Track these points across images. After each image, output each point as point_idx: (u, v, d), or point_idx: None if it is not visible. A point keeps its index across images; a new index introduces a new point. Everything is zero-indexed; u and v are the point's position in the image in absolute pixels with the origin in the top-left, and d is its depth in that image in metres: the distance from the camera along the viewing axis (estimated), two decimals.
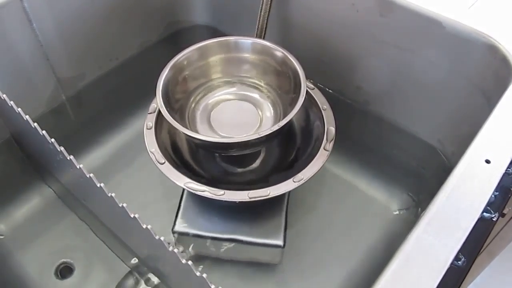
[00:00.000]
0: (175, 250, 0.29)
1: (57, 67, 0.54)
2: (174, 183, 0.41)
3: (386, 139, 0.57)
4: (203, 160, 0.47)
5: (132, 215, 0.32)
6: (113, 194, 0.32)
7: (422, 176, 0.54)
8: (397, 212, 0.52)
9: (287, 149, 0.48)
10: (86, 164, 0.54)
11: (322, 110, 0.46)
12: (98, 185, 0.33)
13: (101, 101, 0.61)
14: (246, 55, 0.47)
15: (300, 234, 0.49)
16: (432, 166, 0.54)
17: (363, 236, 0.50)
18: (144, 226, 0.31)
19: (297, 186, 0.40)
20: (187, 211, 0.45)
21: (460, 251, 0.29)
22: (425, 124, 0.53)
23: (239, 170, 0.47)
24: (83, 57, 0.56)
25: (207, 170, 0.46)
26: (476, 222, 0.30)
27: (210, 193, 0.40)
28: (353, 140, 0.56)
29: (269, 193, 0.40)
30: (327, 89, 0.56)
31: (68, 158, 0.35)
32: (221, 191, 0.40)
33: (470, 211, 0.31)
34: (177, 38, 0.66)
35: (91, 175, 0.33)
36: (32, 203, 0.52)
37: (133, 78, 0.62)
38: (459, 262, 0.29)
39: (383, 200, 0.53)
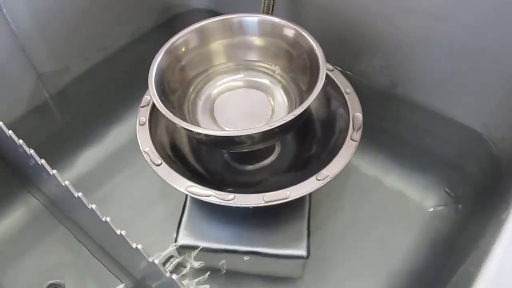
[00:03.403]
0: (174, 277, 0.22)
1: (36, 60, 0.50)
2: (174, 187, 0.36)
3: (418, 126, 0.51)
4: (207, 159, 0.44)
5: (118, 232, 0.25)
6: (93, 206, 0.25)
7: (462, 167, 0.49)
8: (433, 210, 0.47)
9: (305, 141, 0.44)
10: (74, 168, 0.50)
11: (345, 94, 0.42)
12: (76, 195, 0.27)
13: (89, 97, 0.57)
14: (253, 34, 0.43)
15: (324, 241, 0.44)
16: (474, 155, 0.48)
17: (396, 239, 0.45)
18: (134, 246, 0.24)
19: (322, 185, 0.36)
20: (191, 220, 0.41)
21: None
22: (465, 106, 0.47)
23: (250, 169, 0.44)
24: (66, 48, 0.52)
25: (213, 170, 0.43)
26: None
27: (218, 198, 0.35)
28: (379, 128, 0.51)
29: (289, 195, 0.35)
30: (346, 72, 0.50)
31: (40, 163, 0.28)
32: (231, 195, 0.35)
33: None
34: (173, 24, 0.63)
35: (67, 182, 0.27)
36: (16, 215, 0.48)
37: (124, 70, 0.59)
38: None
39: (416, 196, 0.48)
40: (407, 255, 0.44)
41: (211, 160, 0.44)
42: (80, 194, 0.27)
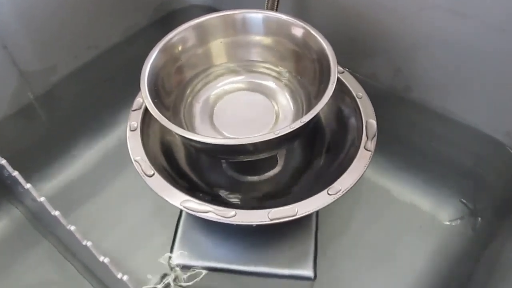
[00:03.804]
0: None
1: (19, 58, 0.48)
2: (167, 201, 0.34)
3: (434, 133, 0.49)
4: (205, 169, 0.42)
5: (101, 259, 0.21)
6: (72, 228, 0.22)
7: (480, 178, 0.46)
8: (448, 224, 0.44)
9: (313, 151, 0.42)
10: (59, 178, 0.47)
11: (357, 99, 0.40)
12: (53, 213, 0.23)
13: (77, 99, 0.55)
14: (257, 33, 0.41)
15: (332, 260, 0.42)
16: (495, 166, 0.46)
17: (410, 258, 0.42)
18: (119, 276, 0.20)
19: (334, 200, 0.34)
20: (186, 237, 0.39)
21: None
22: (487, 113, 0.45)
23: (252, 180, 0.42)
24: (53, 45, 0.50)
25: (211, 182, 0.41)
26: None
27: (217, 214, 0.33)
28: (391, 135, 0.49)
29: (297, 212, 0.33)
30: (355, 74, 0.48)
31: (13, 175, 0.25)
32: (232, 211, 0.33)
33: None
34: (169, 22, 0.62)
35: (43, 199, 0.24)
36: None
37: (116, 70, 0.57)
38: None
39: (431, 209, 0.45)
40: (422, 275, 0.41)
41: (209, 170, 0.42)
42: (57, 213, 0.23)
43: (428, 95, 0.48)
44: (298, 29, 0.38)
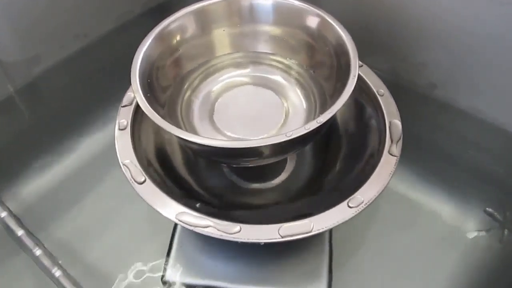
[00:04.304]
0: None
1: None
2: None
3: (460, 136, 0.47)
4: (204, 175, 0.40)
5: None
6: (39, 252, 0.19)
7: (509, 186, 0.44)
8: (473, 236, 0.42)
9: (327, 156, 0.40)
10: (42, 181, 0.45)
11: (378, 96, 0.38)
12: (18, 233, 0.19)
13: (63, 93, 0.53)
14: (266, 20, 0.39)
15: (347, 278, 0.40)
16: None
17: (431, 273, 0.40)
18: None
19: (355, 213, 0.31)
20: (183, 250, 0.37)
21: None
22: None
23: (257, 187, 0.40)
24: (37, 33, 0.49)
25: (212, 190, 0.38)
26: None
27: (218, 229, 0.30)
28: (413, 138, 0.44)
29: (313, 228, 0.30)
30: (373, 69, 0.45)
31: None
32: (236, 226, 0.30)
33: None
34: (165, 10, 0.60)
35: (5, 214, 0.20)
36: None
37: (106, 62, 0.55)
38: None
39: (454, 220, 0.43)
40: None
41: (209, 176, 0.40)
42: (21, 232, 0.19)
43: (455, 93, 0.46)
44: (313, 17, 0.36)
